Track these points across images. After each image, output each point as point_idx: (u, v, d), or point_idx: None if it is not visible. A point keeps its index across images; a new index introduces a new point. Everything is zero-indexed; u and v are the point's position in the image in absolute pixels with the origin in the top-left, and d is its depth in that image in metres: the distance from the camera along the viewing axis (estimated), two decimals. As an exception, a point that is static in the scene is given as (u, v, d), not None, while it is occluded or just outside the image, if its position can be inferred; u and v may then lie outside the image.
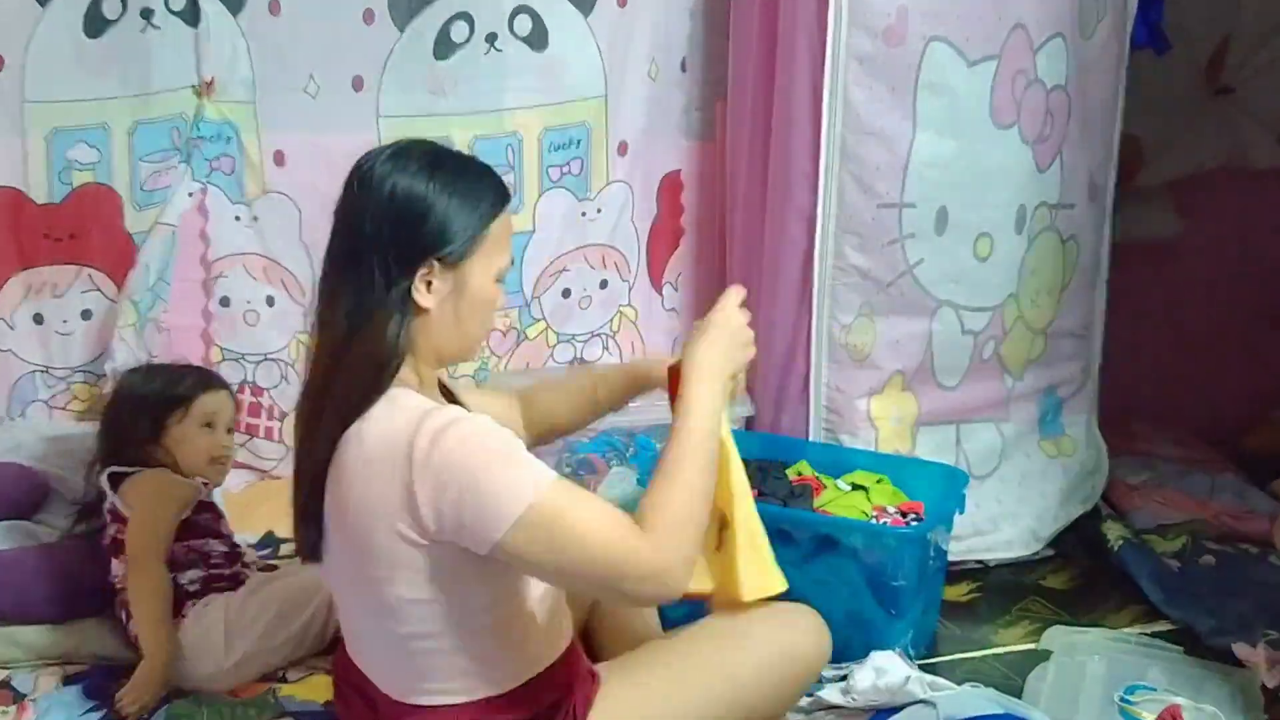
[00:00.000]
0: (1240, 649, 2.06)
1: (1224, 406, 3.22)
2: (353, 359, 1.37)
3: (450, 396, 1.57)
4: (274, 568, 2.21)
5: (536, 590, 1.51)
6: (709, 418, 1.45)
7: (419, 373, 1.44)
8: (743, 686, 1.60)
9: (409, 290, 1.38)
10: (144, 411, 2.09)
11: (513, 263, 1.52)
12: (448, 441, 1.32)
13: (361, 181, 1.41)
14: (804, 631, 1.67)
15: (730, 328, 1.53)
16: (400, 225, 1.37)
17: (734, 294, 1.58)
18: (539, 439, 1.82)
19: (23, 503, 2.21)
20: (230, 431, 2.17)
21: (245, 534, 2.40)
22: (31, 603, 1.98)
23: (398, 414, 1.35)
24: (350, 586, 1.46)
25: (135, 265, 2.51)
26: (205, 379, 2.19)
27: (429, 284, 1.39)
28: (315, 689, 1.89)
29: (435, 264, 1.38)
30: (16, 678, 1.94)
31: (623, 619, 1.83)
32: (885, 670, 1.91)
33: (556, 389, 1.86)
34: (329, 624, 1.96)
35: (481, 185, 1.43)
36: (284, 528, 2.47)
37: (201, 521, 2.05)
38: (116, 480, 2.03)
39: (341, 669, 1.60)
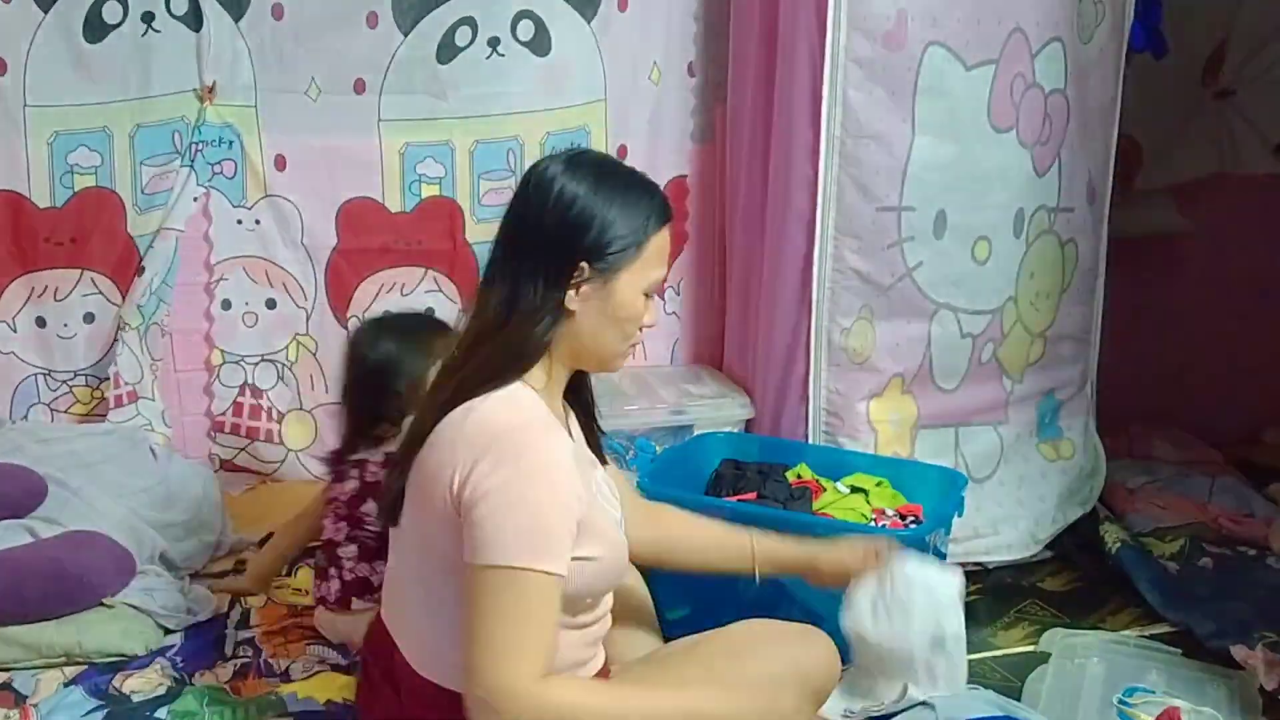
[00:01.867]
0: (1239, 651, 2.06)
1: (1223, 410, 3.22)
2: (494, 346, 1.42)
3: (580, 399, 1.59)
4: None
5: (583, 617, 1.52)
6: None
7: (549, 372, 1.48)
8: (753, 700, 1.61)
9: (560, 292, 1.42)
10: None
11: (665, 280, 1.55)
12: (521, 459, 1.37)
13: (534, 181, 1.46)
14: (815, 651, 1.68)
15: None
16: (561, 227, 1.42)
17: None
18: (659, 555, 1.78)
19: (22, 502, 2.21)
20: None
21: (249, 536, 2.42)
22: (29, 601, 1.98)
23: (508, 407, 1.40)
24: (411, 549, 1.49)
25: (140, 270, 2.52)
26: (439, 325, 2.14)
27: (579, 288, 1.43)
28: (317, 688, 1.90)
29: (587, 269, 1.43)
30: (17, 679, 1.94)
31: (628, 625, 1.84)
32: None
33: (705, 527, 1.84)
34: None
35: (645, 200, 1.47)
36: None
37: None
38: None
39: (371, 640, 1.62)
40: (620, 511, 1.61)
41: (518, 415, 1.41)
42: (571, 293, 1.43)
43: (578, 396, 1.59)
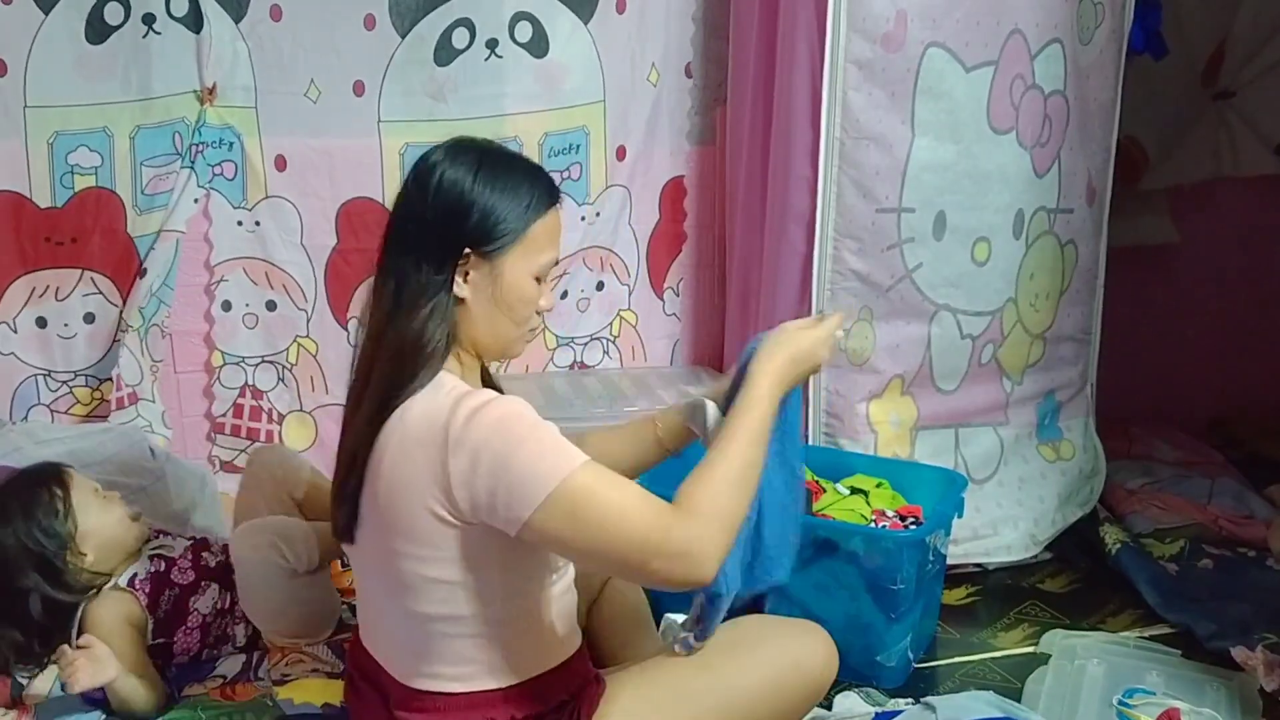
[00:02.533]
0: (1239, 652, 2.06)
1: (1222, 411, 3.23)
2: (390, 342, 1.42)
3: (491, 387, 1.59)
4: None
5: (554, 589, 1.53)
6: (764, 420, 1.48)
7: (460, 360, 1.48)
8: (748, 700, 1.61)
9: (448, 279, 1.42)
10: None
11: (557, 262, 1.54)
12: (482, 420, 1.36)
13: (416, 173, 1.47)
14: (812, 647, 1.68)
15: (810, 344, 1.57)
16: (443, 215, 1.43)
17: (835, 320, 1.63)
18: None
19: None
20: None
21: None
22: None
23: (438, 395, 1.40)
24: (376, 565, 1.48)
25: (143, 272, 2.52)
26: None
27: (466, 275, 1.44)
28: (312, 691, 1.89)
29: (472, 255, 1.43)
30: (15, 680, 1.93)
31: (625, 624, 1.84)
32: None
33: (614, 433, 1.85)
34: None
35: (528, 183, 1.47)
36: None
37: None
38: None
39: (355, 659, 1.62)
40: None
41: (452, 391, 1.40)
42: (459, 279, 1.43)
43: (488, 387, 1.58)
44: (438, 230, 1.43)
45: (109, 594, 1.95)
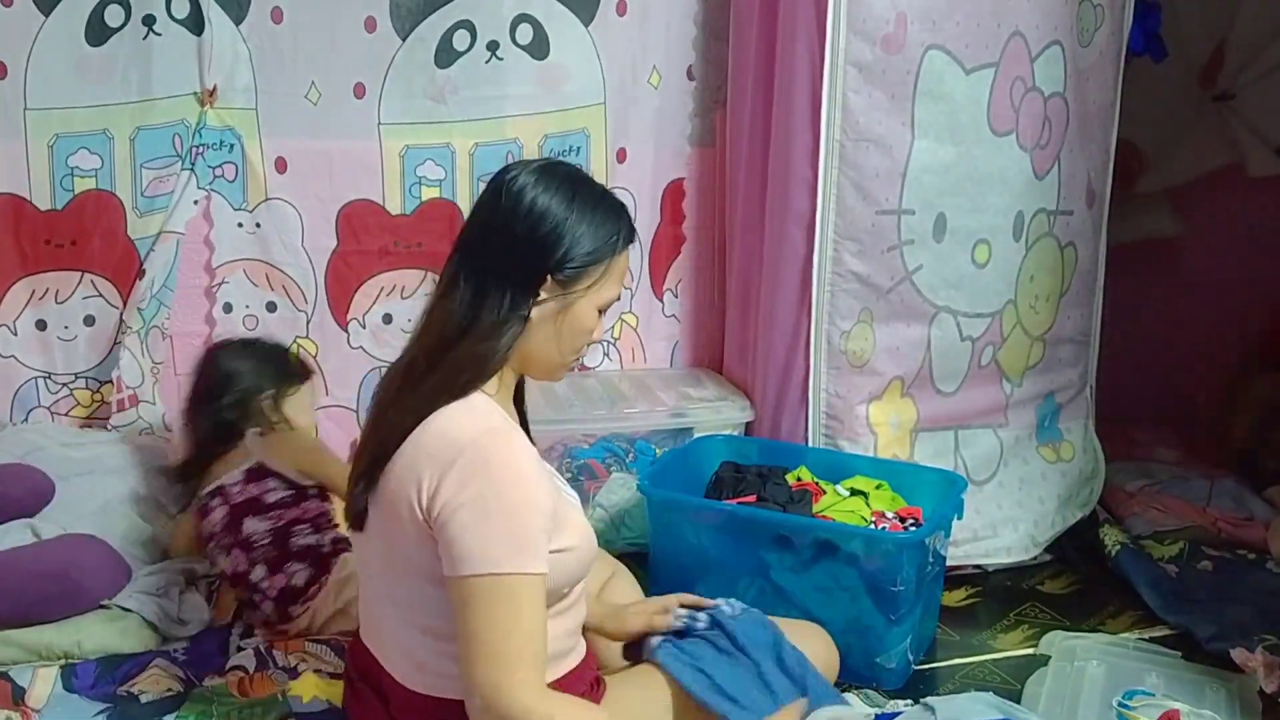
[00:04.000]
0: (1238, 654, 2.07)
1: (1221, 412, 3.22)
2: (460, 354, 1.42)
3: (520, 402, 1.60)
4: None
5: (563, 602, 1.53)
6: None
7: (501, 378, 1.48)
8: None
9: (527, 304, 1.43)
10: None
11: (619, 299, 1.56)
12: (494, 468, 1.38)
13: (504, 189, 1.45)
14: (813, 649, 1.69)
15: None
16: (532, 239, 1.43)
17: None
18: None
19: (26, 501, 2.21)
20: None
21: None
22: (29, 604, 1.98)
23: (469, 418, 1.41)
24: (378, 564, 1.49)
25: (142, 273, 2.52)
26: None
27: (541, 301, 1.44)
28: (323, 689, 1.89)
29: (550, 280, 1.43)
30: (17, 680, 1.92)
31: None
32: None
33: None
34: None
35: (614, 219, 1.48)
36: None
37: None
38: None
39: (355, 660, 1.62)
40: (576, 497, 1.63)
41: (479, 422, 1.41)
42: (534, 305, 1.44)
43: (517, 401, 1.59)
44: (525, 253, 1.43)
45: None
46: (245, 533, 2.07)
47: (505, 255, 1.43)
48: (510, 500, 1.37)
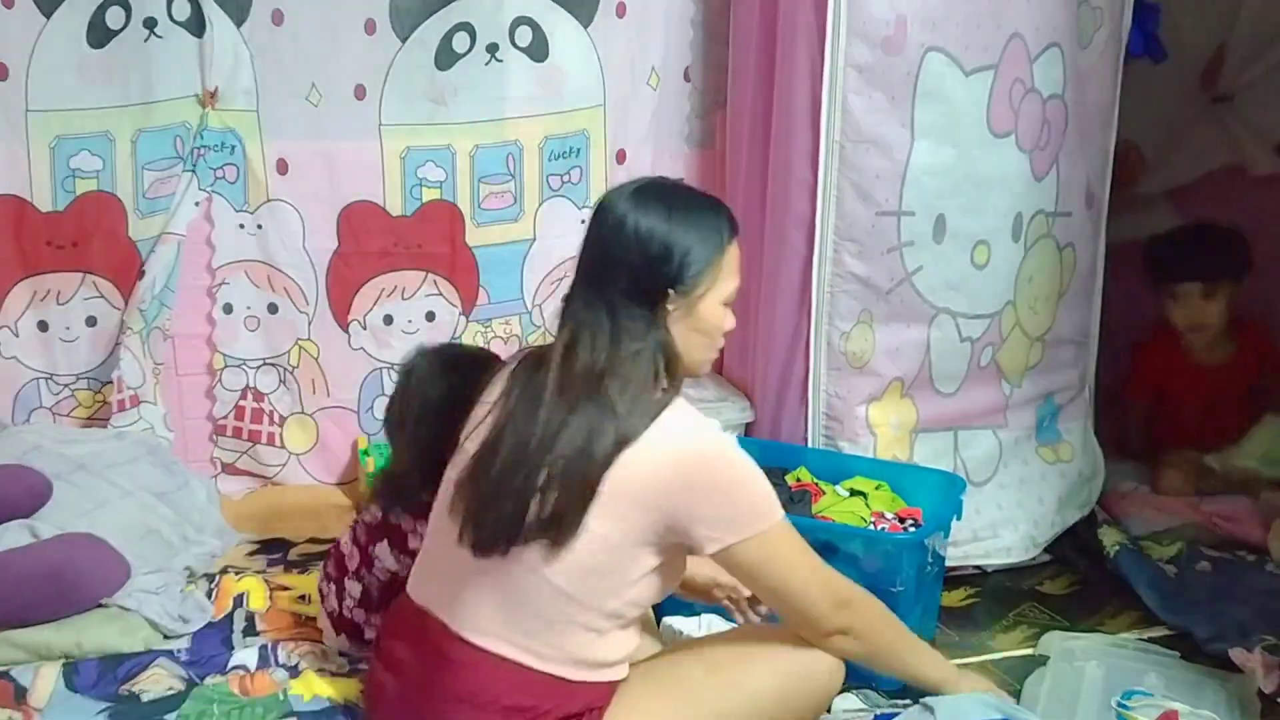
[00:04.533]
0: (1237, 654, 2.07)
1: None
2: (618, 386, 1.49)
3: None
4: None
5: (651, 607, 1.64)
6: (938, 683, 1.78)
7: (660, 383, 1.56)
8: (757, 705, 1.63)
9: (658, 322, 1.52)
10: None
11: (739, 287, 1.64)
12: (708, 458, 1.54)
13: (607, 219, 1.54)
14: (820, 654, 1.69)
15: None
16: (645, 263, 1.51)
17: None
18: None
19: (22, 502, 2.20)
20: None
21: (250, 537, 2.43)
22: (28, 606, 1.97)
23: (677, 424, 1.53)
24: (511, 584, 1.54)
25: (143, 274, 2.52)
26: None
27: (669, 313, 1.53)
28: (325, 688, 1.90)
29: (673, 294, 1.52)
30: (19, 680, 1.92)
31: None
32: None
33: None
34: None
35: (714, 219, 1.57)
36: (293, 533, 2.49)
37: None
38: None
39: (394, 626, 1.66)
40: None
41: (688, 423, 1.54)
42: (665, 319, 1.53)
43: None
44: (642, 278, 1.51)
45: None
46: (374, 551, 1.95)
47: (625, 283, 1.51)
48: (735, 476, 1.56)
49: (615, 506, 1.49)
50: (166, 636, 2.05)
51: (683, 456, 1.50)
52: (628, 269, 1.51)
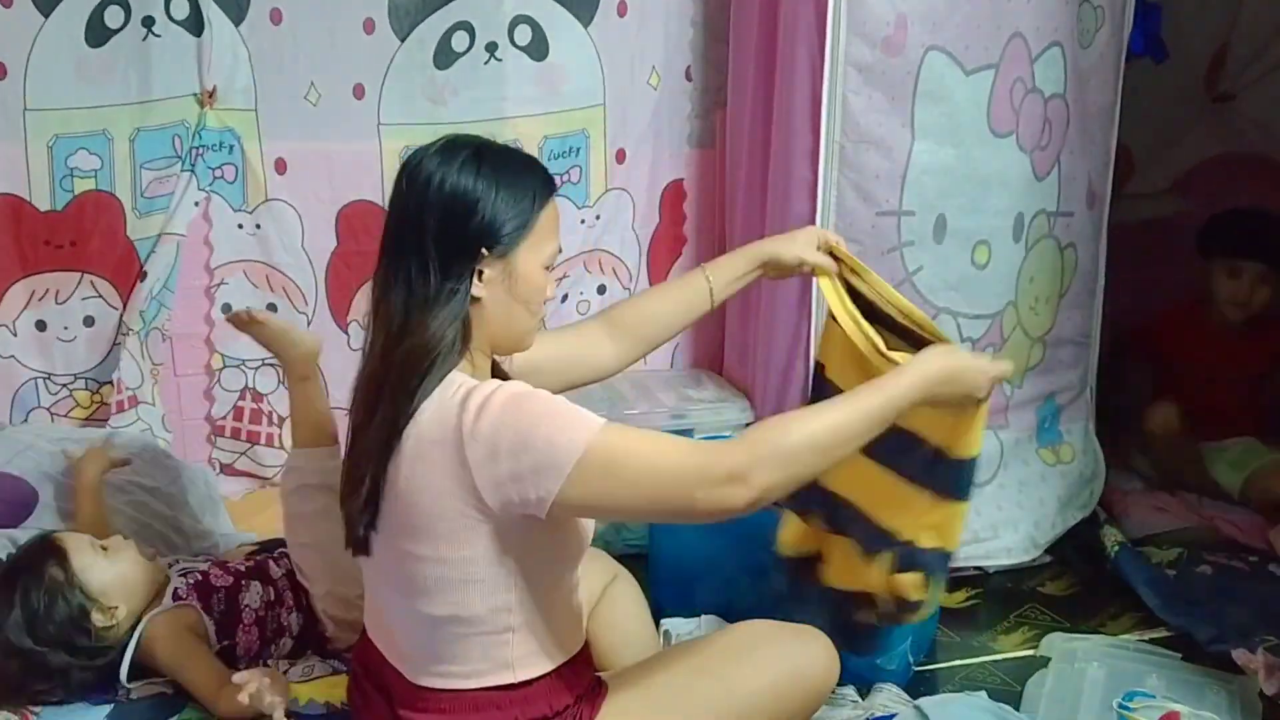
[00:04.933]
0: (1240, 655, 2.07)
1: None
2: (406, 351, 1.40)
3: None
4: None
5: (565, 586, 1.54)
6: (883, 408, 1.42)
7: (473, 361, 1.48)
8: (749, 705, 1.61)
9: (462, 283, 1.42)
10: None
11: (560, 250, 1.54)
12: (492, 406, 1.36)
13: (410, 178, 1.45)
14: (813, 653, 1.68)
15: (974, 371, 1.51)
16: (451, 219, 1.41)
17: (1006, 367, 1.58)
18: (638, 345, 1.83)
19: (4, 513, 2.19)
20: None
21: (250, 535, 2.42)
22: None
23: (446, 394, 1.39)
24: (391, 571, 1.48)
25: (143, 275, 2.52)
26: None
27: (480, 274, 1.43)
28: (321, 691, 1.89)
29: (485, 254, 1.43)
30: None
31: (627, 630, 1.85)
32: None
33: (654, 292, 1.88)
34: None
35: (528, 176, 1.47)
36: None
37: None
38: None
39: (360, 656, 1.63)
40: None
41: (460, 388, 1.40)
42: (475, 280, 1.43)
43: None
44: (447, 235, 1.41)
45: (158, 617, 1.90)
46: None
47: (426, 242, 1.41)
48: (530, 410, 1.37)
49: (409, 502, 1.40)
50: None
51: (454, 433, 1.36)
52: (432, 228, 1.40)
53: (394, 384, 1.41)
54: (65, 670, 1.83)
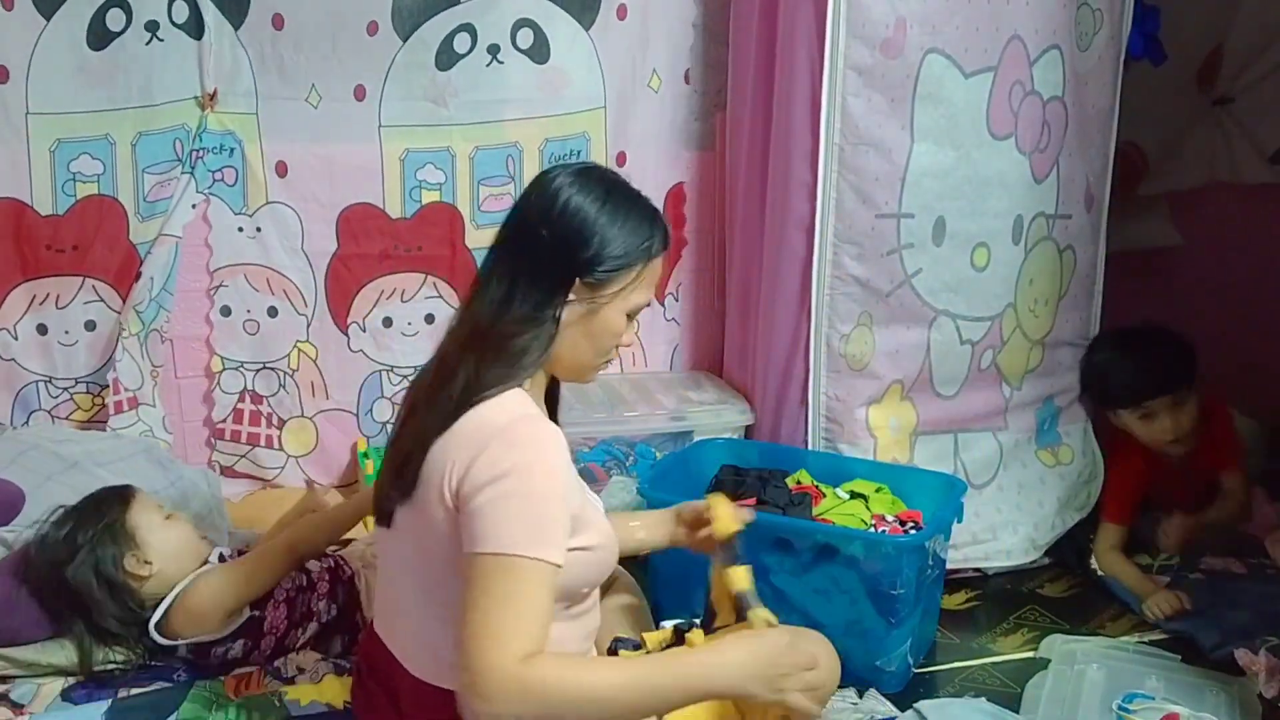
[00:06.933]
0: (1242, 655, 2.07)
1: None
2: (487, 353, 1.43)
3: (553, 402, 1.61)
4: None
5: (574, 612, 1.53)
6: (696, 689, 1.39)
7: (533, 377, 1.49)
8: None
9: (553, 305, 1.44)
10: None
11: (649, 304, 1.56)
12: (521, 452, 1.37)
13: (540, 188, 1.47)
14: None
15: (800, 676, 1.44)
16: (561, 238, 1.43)
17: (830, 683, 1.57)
18: None
19: None
20: None
21: (250, 534, 2.42)
22: (17, 629, 1.94)
23: (503, 408, 1.41)
24: (404, 557, 1.49)
25: (139, 275, 2.52)
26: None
27: (568, 302, 1.45)
28: (320, 691, 1.89)
29: (578, 283, 1.44)
30: (16, 690, 1.91)
31: (624, 626, 1.84)
32: None
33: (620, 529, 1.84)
34: None
35: (648, 224, 1.48)
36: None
37: None
38: None
39: (365, 653, 1.63)
40: (600, 502, 1.63)
41: (512, 410, 1.42)
42: (563, 306, 1.44)
43: (549, 401, 1.60)
44: (553, 252, 1.44)
45: (205, 575, 1.96)
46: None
47: (536, 254, 1.44)
48: (536, 487, 1.36)
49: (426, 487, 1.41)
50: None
51: (486, 438, 1.37)
52: (544, 241, 1.43)
53: (469, 378, 1.42)
54: (91, 602, 1.91)
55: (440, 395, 1.43)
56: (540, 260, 1.44)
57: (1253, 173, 3.17)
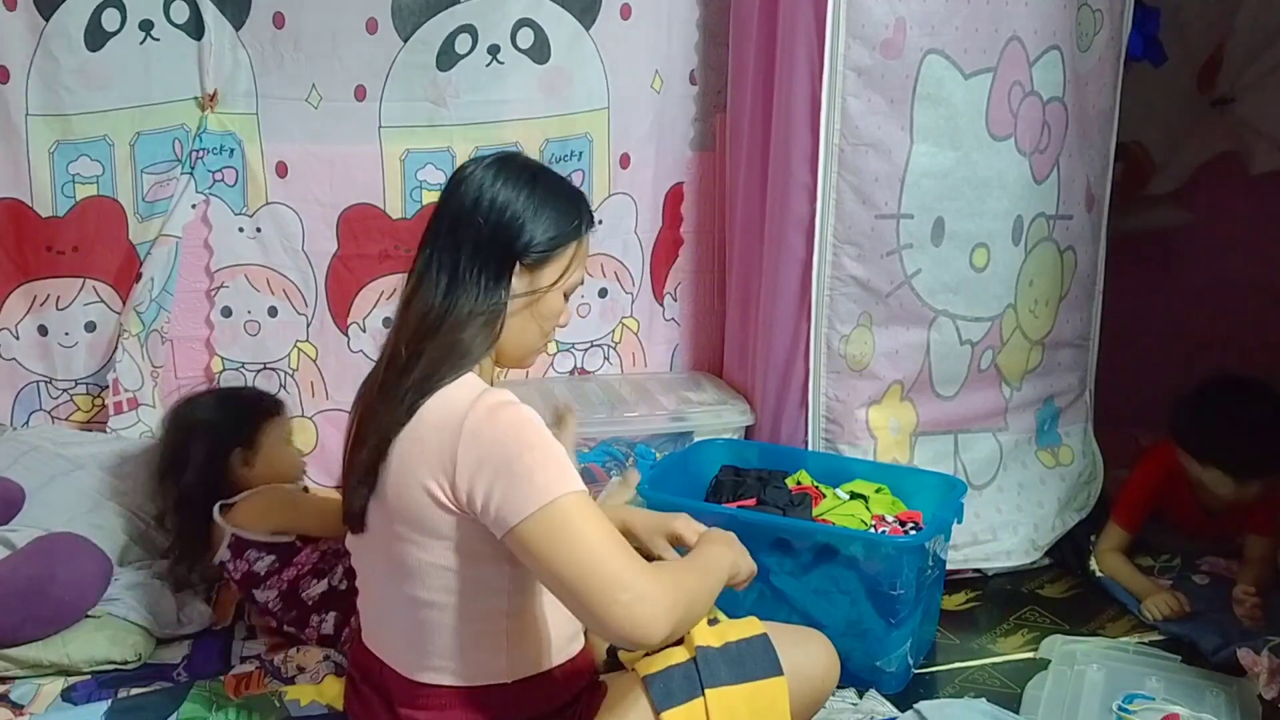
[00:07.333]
0: (1244, 655, 2.07)
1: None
2: (443, 343, 1.45)
3: None
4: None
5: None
6: (722, 570, 1.55)
7: (481, 365, 1.51)
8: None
9: (500, 293, 1.47)
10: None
11: (583, 282, 1.61)
12: (500, 418, 1.40)
13: (466, 182, 1.50)
14: (813, 654, 1.69)
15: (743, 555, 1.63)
16: (497, 229, 1.47)
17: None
18: None
19: None
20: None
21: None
22: (13, 628, 1.95)
23: (460, 390, 1.43)
24: (383, 552, 1.49)
25: (139, 276, 2.52)
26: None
27: (512, 285, 1.48)
28: (320, 692, 1.90)
29: (519, 267, 1.48)
30: (16, 690, 1.92)
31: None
32: None
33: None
34: None
35: (574, 205, 1.53)
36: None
37: None
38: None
39: (356, 661, 1.63)
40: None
41: (475, 387, 1.44)
42: (508, 291, 1.48)
43: None
44: (493, 242, 1.47)
45: (285, 486, 2.20)
46: (261, 601, 2.08)
47: (476, 243, 1.46)
48: (526, 439, 1.39)
49: (404, 476, 1.42)
50: (160, 642, 2.05)
51: (457, 422, 1.39)
52: (480, 234, 1.46)
53: (422, 372, 1.44)
54: (190, 459, 2.14)
55: (396, 391, 1.45)
56: (479, 249, 1.46)
57: (1262, 162, 3.15)
